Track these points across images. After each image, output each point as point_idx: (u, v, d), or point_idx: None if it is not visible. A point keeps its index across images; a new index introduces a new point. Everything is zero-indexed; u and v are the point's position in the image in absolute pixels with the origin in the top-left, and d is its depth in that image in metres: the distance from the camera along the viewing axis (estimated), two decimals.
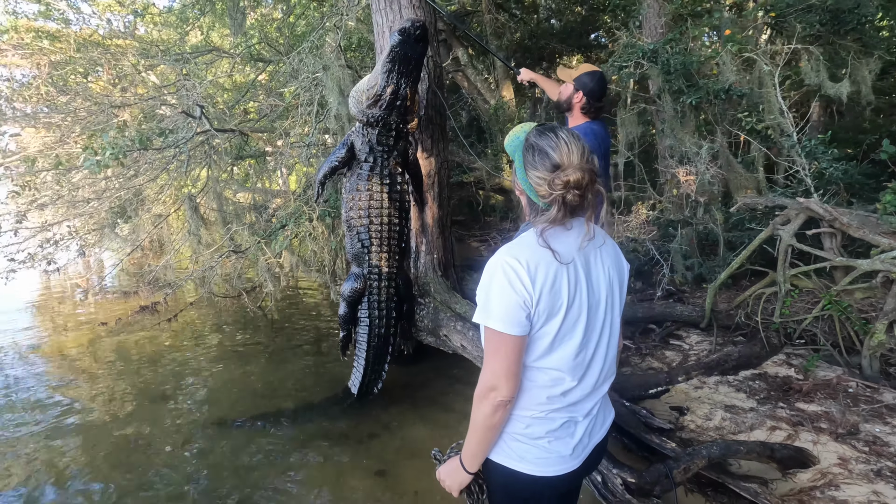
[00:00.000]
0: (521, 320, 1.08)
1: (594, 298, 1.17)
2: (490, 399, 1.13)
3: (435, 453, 1.35)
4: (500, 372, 1.11)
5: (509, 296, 1.08)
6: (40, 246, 5.50)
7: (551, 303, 1.10)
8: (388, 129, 3.04)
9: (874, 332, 2.78)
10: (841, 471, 2.17)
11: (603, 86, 2.57)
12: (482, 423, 1.15)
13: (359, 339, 3.29)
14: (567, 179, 1.07)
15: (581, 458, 1.22)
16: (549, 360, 1.15)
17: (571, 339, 1.15)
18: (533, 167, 1.12)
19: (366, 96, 2.94)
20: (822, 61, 4.37)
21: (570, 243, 1.12)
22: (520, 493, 1.21)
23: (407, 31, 2.72)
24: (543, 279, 1.08)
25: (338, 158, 3.16)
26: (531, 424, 1.17)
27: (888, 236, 2.62)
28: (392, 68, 2.82)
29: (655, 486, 2.06)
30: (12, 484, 2.62)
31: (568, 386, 1.17)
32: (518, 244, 1.13)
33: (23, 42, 6.66)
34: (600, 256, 1.20)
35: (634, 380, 3.30)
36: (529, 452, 1.18)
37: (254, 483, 2.56)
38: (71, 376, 4.06)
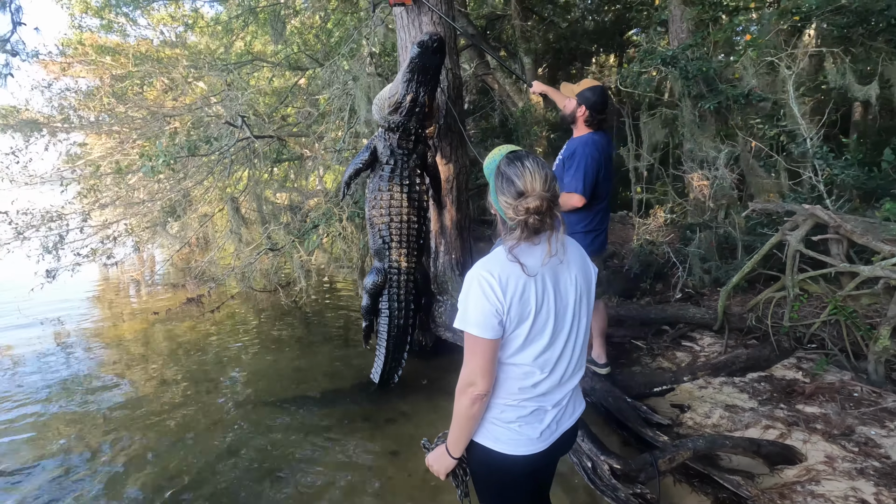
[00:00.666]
0: (494, 326, 1.24)
1: (562, 304, 1.33)
2: (468, 393, 1.29)
3: (424, 443, 1.52)
4: (477, 370, 1.27)
5: (484, 305, 1.24)
6: (101, 242, 6.06)
7: (521, 310, 1.26)
8: (407, 134, 3.29)
9: (878, 338, 2.82)
10: (825, 468, 2.27)
11: (604, 99, 2.74)
12: (463, 414, 1.32)
13: (380, 329, 3.56)
14: (527, 206, 1.22)
15: (548, 442, 1.38)
16: (521, 357, 1.31)
17: (540, 340, 1.30)
18: (501, 192, 1.28)
19: (387, 104, 3.20)
20: (849, 64, 4.32)
21: (536, 258, 1.27)
22: (496, 469, 1.39)
23: (425, 44, 2.96)
24: (513, 290, 1.24)
25: (362, 161, 3.43)
26: (505, 410, 1.34)
27: (890, 243, 2.65)
28: (411, 78, 3.07)
29: (640, 473, 2.22)
30: (79, 449, 3.05)
31: (538, 379, 1.33)
32: (491, 259, 1.30)
33: (88, 56, 7.31)
34: (568, 266, 1.35)
35: (640, 378, 3.44)
36: (503, 434, 1.35)
37: (283, 453, 2.88)
38: (126, 360, 4.53)
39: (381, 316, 3.51)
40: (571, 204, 2.82)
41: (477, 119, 10.19)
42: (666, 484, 2.39)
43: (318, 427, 3.19)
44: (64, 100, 6.77)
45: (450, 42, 3.72)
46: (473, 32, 8.54)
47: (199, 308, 5.22)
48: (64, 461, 2.93)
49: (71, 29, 9.67)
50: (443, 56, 3.13)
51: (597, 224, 2.93)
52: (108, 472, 2.79)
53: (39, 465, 2.89)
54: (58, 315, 5.96)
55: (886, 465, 2.24)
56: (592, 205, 2.85)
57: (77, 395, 3.86)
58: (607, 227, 3.06)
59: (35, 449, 3.07)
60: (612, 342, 4.22)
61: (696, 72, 4.18)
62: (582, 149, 2.78)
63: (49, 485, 2.70)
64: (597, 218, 2.91)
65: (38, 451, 3.04)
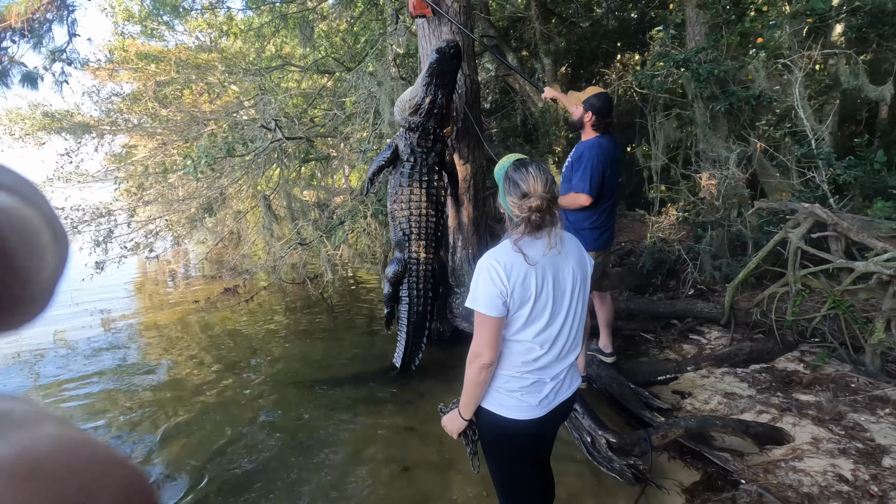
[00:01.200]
0: (498, 306, 1.44)
1: (559, 290, 1.52)
2: (476, 363, 1.49)
3: (441, 407, 1.75)
4: (483, 343, 1.47)
5: (490, 288, 1.44)
6: (145, 236, 6.52)
7: (522, 293, 1.46)
8: (426, 133, 3.54)
9: (874, 331, 2.95)
10: (810, 448, 2.44)
11: (609, 104, 2.94)
12: (472, 381, 1.52)
13: (400, 315, 3.83)
14: (530, 205, 1.43)
15: (546, 409, 1.56)
16: (523, 334, 1.51)
17: (540, 320, 1.50)
18: (508, 194, 1.49)
19: (408, 105, 3.47)
20: (862, 64, 4.39)
21: (537, 250, 1.48)
22: (500, 430, 1.58)
23: (443, 50, 3.22)
24: (516, 276, 1.44)
25: (384, 158, 3.71)
26: (509, 381, 1.54)
27: (882, 240, 2.78)
28: (430, 81, 3.32)
29: (635, 447, 2.44)
30: (121, 423, 3.43)
31: (537, 354, 1.52)
32: (499, 249, 1.51)
33: (132, 62, 7.82)
34: (566, 258, 1.55)
35: (645, 367, 3.63)
36: (507, 401, 1.55)
37: (311, 427, 3.19)
38: (166, 345, 4.94)
39: (402, 303, 3.77)
40: (579, 203, 3.04)
41: (499, 118, 10.40)
42: (661, 459, 2.60)
43: (343, 406, 3.49)
44: (111, 104, 7.28)
45: (467, 49, 3.96)
46: (495, 35, 8.74)
47: (236, 297, 5.60)
48: (114, 432, 3.30)
49: (114, 36, 10.30)
50: (459, 61, 3.38)
51: (603, 221, 3.14)
52: (152, 440, 3.15)
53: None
54: (104, 304, 6.47)
55: (869, 447, 2.40)
56: (598, 203, 3.06)
57: (123, 375, 4.25)
58: (614, 224, 3.26)
59: (84, 422, 3.47)
60: (622, 335, 4.42)
61: (707, 74, 4.31)
62: (588, 152, 3.00)
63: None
64: (603, 215, 3.11)
65: (87, 424, 3.43)
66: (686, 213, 5.00)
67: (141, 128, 6.90)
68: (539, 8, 8.57)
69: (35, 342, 5.12)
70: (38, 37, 5.33)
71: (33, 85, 5.76)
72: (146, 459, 2.94)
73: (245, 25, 9.49)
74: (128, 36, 10.48)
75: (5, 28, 4.83)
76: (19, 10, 4.74)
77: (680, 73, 4.65)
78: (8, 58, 5.35)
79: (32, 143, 7.30)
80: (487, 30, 8.78)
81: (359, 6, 8.66)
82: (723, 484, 2.34)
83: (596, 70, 10.84)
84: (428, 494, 2.50)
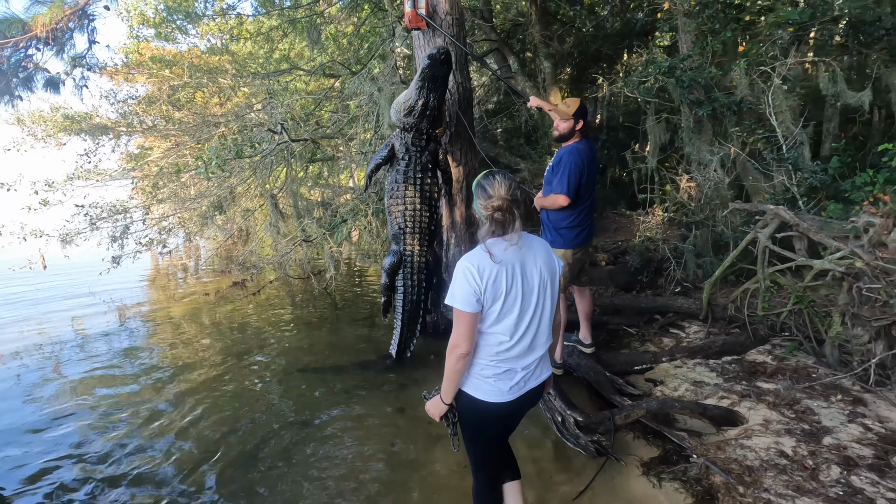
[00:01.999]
0: (472, 303, 1.64)
1: (528, 287, 1.72)
2: (455, 353, 1.69)
3: (424, 394, 1.93)
4: (460, 336, 1.67)
5: (465, 287, 1.64)
6: (159, 233, 6.86)
7: (494, 291, 1.65)
8: (420, 133, 3.80)
9: (832, 324, 3.17)
10: (760, 428, 2.67)
11: (584, 111, 3.20)
12: (451, 369, 1.72)
13: (396, 304, 4.08)
14: (493, 204, 1.67)
15: (516, 395, 1.77)
16: (496, 328, 1.70)
17: (511, 315, 1.69)
18: (478, 197, 1.74)
19: (403, 107, 3.73)
20: (840, 72, 4.57)
21: (502, 248, 1.68)
22: (476, 411, 1.79)
23: (434, 56, 3.47)
24: (488, 276, 1.64)
25: (381, 157, 3.97)
26: (484, 368, 1.74)
27: (838, 240, 2.99)
28: (423, 85, 3.58)
29: (600, 425, 2.69)
30: (139, 405, 3.74)
31: (509, 345, 1.71)
32: (473, 253, 1.70)
33: (147, 66, 8.17)
34: (534, 258, 1.75)
35: (623, 358, 3.87)
36: (482, 386, 1.75)
37: (314, 408, 3.49)
38: (178, 335, 5.25)
39: (398, 293, 4.03)
40: (559, 203, 3.29)
41: (501, 119, 10.64)
42: (627, 438, 2.86)
43: (343, 389, 3.78)
44: (127, 106, 7.64)
45: (459, 59, 4.22)
46: (496, 39, 8.97)
47: (244, 290, 5.92)
48: (133, 413, 3.62)
49: (129, 39, 10.67)
50: (449, 67, 3.63)
51: (581, 220, 3.38)
52: (169, 418, 3.45)
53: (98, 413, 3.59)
54: (119, 295, 6.83)
55: (814, 428, 2.63)
56: (577, 203, 3.31)
57: (137, 361, 4.57)
58: (592, 223, 3.50)
59: (109, 407, 3.79)
60: (606, 329, 4.66)
61: (689, 81, 4.53)
62: (567, 157, 3.25)
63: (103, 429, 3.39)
64: (581, 215, 3.36)
65: (106, 404, 3.75)
66: (672, 213, 5.22)
67: (155, 129, 7.24)
68: (539, 13, 8.79)
69: (56, 331, 5.48)
70: (60, 44, 5.66)
71: (55, 89, 6.10)
72: (160, 432, 3.25)
73: (254, 30, 9.83)
74: (142, 39, 10.87)
75: (31, 37, 5.16)
76: (44, 20, 5.06)
77: (666, 79, 4.86)
78: (32, 64, 5.69)
79: (53, 143, 7.68)
80: (489, 34, 9.02)
81: (365, 9, 8.94)
82: (677, 459, 2.59)
83: (600, 72, 11.00)
84: (415, 463, 2.78)
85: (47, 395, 3.91)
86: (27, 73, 5.66)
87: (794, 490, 2.17)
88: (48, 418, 3.51)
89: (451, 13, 4.07)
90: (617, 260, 6.41)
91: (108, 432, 3.31)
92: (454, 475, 2.65)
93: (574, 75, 11.25)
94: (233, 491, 2.62)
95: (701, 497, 2.27)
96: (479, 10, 8.62)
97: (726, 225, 4.86)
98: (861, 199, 2.93)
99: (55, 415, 3.56)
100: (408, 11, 3.88)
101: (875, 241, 2.78)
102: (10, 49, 5.15)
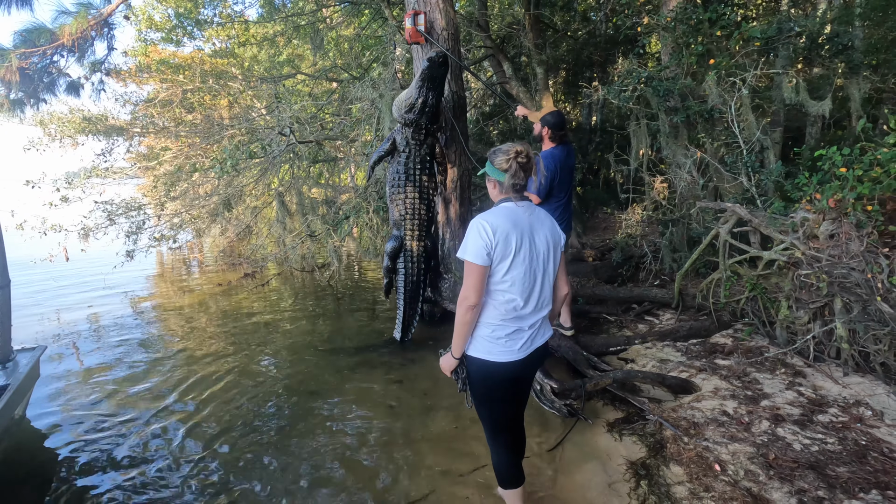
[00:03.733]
0: (483, 256, 1.75)
1: (535, 251, 1.84)
2: (464, 305, 1.78)
3: (440, 351, 2.04)
4: (471, 287, 1.77)
5: (478, 241, 1.75)
6: (171, 229, 7.25)
7: (504, 248, 1.76)
8: (419, 128, 4.21)
9: (780, 308, 3.61)
10: (710, 395, 3.10)
11: (560, 119, 3.62)
12: (460, 321, 1.82)
13: (398, 285, 4.48)
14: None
15: (526, 353, 1.88)
16: (503, 285, 1.80)
17: (516, 272, 1.80)
18: (496, 157, 1.86)
19: (404, 105, 4.15)
20: (803, 83, 5.02)
21: (516, 212, 1.83)
22: (487, 374, 1.88)
23: (433, 59, 3.90)
24: (500, 233, 1.75)
25: (384, 150, 4.40)
26: (495, 329, 1.84)
27: (782, 233, 3.42)
28: (422, 85, 4.01)
29: (572, 392, 3.12)
30: (159, 385, 4.15)
31: (517, 304, 1.82)
32: (488, 212, 1.85)
33: (157, 70, 8.58)
34: (541, 225, 1.90)
35: (600, 340, 4.29)
36: (494, 348, 1.85)
37: (319, 382, 3.90)
38: (188, 326, 5.63)
39: (399, 274, 4.43)
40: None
41: (497, 122, 11.07)
42: (597, 405, 3.28)
43: (346, 368, 4.19)
44: (144, 111, 8.04)
45: (454, 69, 4.65)
46: (491, 46, 9.39)
47: (251, 282, 6.32)
48: (146, 393, 4.02)
49: (138, 42, 11.07)
50: (447, 68, 4.05)
51: (558, 216, 3.81)
52: (187, 395, 3.86)
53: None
54: (131, 287, 7.22)
55: (756, 394, 3.06)
56: (550, 202, 3.74)
57: (150, 346, 4.94)
58: (569, 218, 3.93)
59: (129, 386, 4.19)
60: (588, 316, 5.09)
61: (664, 91, 4.97)
62: (542, 161, 3.67)
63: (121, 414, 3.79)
64: (557, 211, 3.79)
65: (123, 387, 4.15)
66: (651, 212, 5.65)
67: (167, 131, 7.65)
68: (532, 20, 9.22)
69: (73, 320, 5.87)
70: (82, 51, 6.06)
71: (76, 93, 6.50)
72: (180, 402, 3.65)
73: (259, 36, 10.23)
74: (150, 42, 11.27)
75: (58, 45, 5.57)
76: (70, 29, 5.47)
77: (642, 89, 5.29)
78: (56, 69, 6.09)
79: (69, 144, 8.06)
80: (485, 41, 9.43)
81: (365, 14, 9.36)
82: (637, 419, 3.01)
83: (594, 76, 11.42)
84: (410, 426, 3.19)
85: (65, 377, 4.27)
86: (51, 77, 6.06)
87: (729, 439, 2.60)
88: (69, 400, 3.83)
89: (447, 28, 4.50)
90: (604, 256, 6.84)
91: (129, 410, 3.72)
92: (447, 430, 3.07)
93: (568, 80, 11.70)
94: (252, 452, 3.03)
95: (653, 446, 2.70)
96: (475, 19, 9.03)
97: (698, 222, 5.29)
98: (800, 198, 3.36)
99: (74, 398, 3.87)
100: (408, 28, 4.30)
101: (809, 234, 3.21)
102: (38, 56, 5.54)
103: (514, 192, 1.86)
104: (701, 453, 2.53)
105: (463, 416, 3.24)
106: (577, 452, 2.81)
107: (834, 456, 2.39)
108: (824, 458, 2.38)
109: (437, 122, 4.30)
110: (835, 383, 3.11)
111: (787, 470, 2.31)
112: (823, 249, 3.07)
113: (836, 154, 3.10)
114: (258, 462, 2.88)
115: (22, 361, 3.42)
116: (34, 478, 2.85)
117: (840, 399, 2.92)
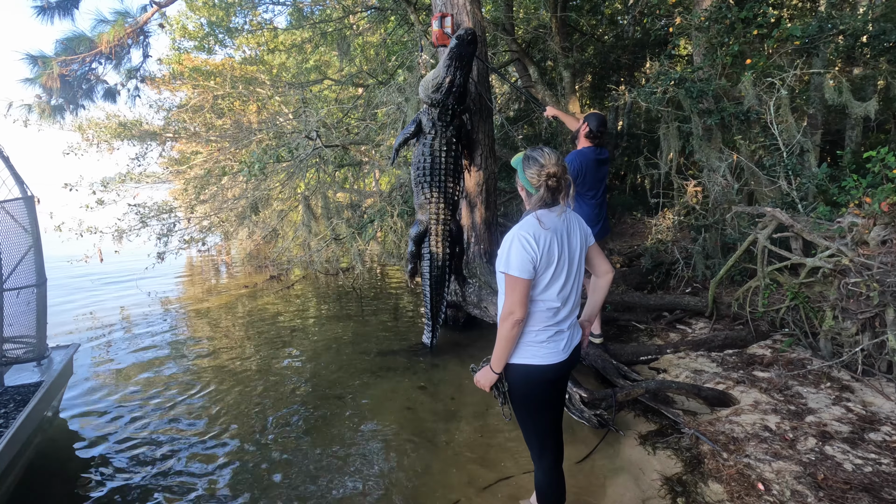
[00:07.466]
0: (529, 269, 1.69)
1: (572, 255, 1.81)
2: (509, 320, 1.72)
3: (472, 367, 1.97)
4: (516, 302, 1.71)
5: (523, 255, 1.69)
6: (200, 231, 7.40)
7: (548, 258, 1.73)
8: (446, 109, 4.10)
9: (825, 318, 3.42)
10: (749, 408, 2.94)
11: (600, 122, 3.53)
12: (504, 336, 1.75)
13: (423, 272, 4.36)
14: (548, 172, 1.72)
15: (567, 353, 1.85)
16: (546, 294, 1.77)
17: (559, 281, 1.78)
18: (528, 168, 1.77)
19: (431, 84, 4.06)
20: (846, 83, 4.79)
21: (553, 219, 1.76)
22: (531, 380, 1.82)
23: (461, 37, 3.80)
24: (543, 244, 1.71)
25: (409, 132, 4.32)
26: (539, 335, 1.80)
27: (827, 239, 3.24)
28: (450, 64, 3.90)
29: (602, 402, 3.00)
30: (188, 383, 4.18)
31: (558, 308, 1.79)
32: (526, 224, 1.76)
33: (190, 77, 8.81)
34: (575, 229, 1.85)
35: (630, 349, 4.15)
36: (539, 351, 1.80)
37: (344, 385, 3.87)
38: (215, 327, 5.71)
39: (423, 260, 4.34)
40: None
41: (521, 126, 10.98)
42: (629, 417, 3.16)
43: (369, 371, 4.16)
44: (177, 117, 8.26)
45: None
46: (517, 50, 9.33)
47: (276, 284, 6.38)
48: (175, 391, 4.06)
49: (171, 50, 11.41)
50: (475, 47, 3.91)
51: (595, 215, 3.71)
52: (218, 394, 3.88)
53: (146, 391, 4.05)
54: (161, 288, 7.38)
55: (799, 408, 2.89)
56: (585, 199, 3.65)
57: (180, 344, 5.03)
58: (605, 217, 3.82)
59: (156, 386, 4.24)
60: (617, 324, 4.95)
61: (697, 92, 4.81)
62: (570, 158, 3.60)
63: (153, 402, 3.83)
64: (593, 210, 3.70)
65: (148, 379, 4.21)
66: (683, 217, 5.47)
67: (198, 136, 7.83)
68: (559, 24, 9.12)
69: (106, 318, 6.02)
70: (119, 58, 6.26)
71: (112, 99, 6.70)
72: (208, 402, 3.67)
73: (288, 42, 10.41)
74: (183, 50, 11.60)
75: (96, 53, 5.75)
76: (108, 38, 5.65)
77: (676, 90, 5.14)
78: (94, 76, 6.30)
79: (106, 148, 8.34)
80: (510, 45, 9.38)
81: (391, 21, 9.43)
82: (671, 432, 2.88)
83: (621, 80, 11.23)
84: (434, 432, 3.13)
85: (97, 374, 4.38)
86: (89, 84, 6.27)
87: (772, 456, 2.45)
88: (101, 397, 3.96)
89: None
90: (632, 263, 6.67)
91: (157, 408, 3.77)
92: (472, 438, 3.00)
93: (594, 84, 11.53)
94: (278, 452, 3.02)
95: (689, 462, 2.57)
96: (500, 23, 8.99)
97: (733, 228, 5.10)
98: (847, 202, 3.18)
99: (105, 395, 3.98)
100: (435, 30, 4.27)
101: (858, 239, 3.03)
102: (78, 64, 5.74)
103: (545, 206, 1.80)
104: (742, 471, 2.39)
105: (488, 424, 3.16)
106: (608, 465, 2.69)
107: (890, 478, 2.22)
108: (879, 479, 2.22)
109: (464, 103, 4.18)
110: (886, 399, 2.91)
111: (838, 492, 2.15)
112: (874, 256, 2.89)
113: (888, 155, 2.92)
114: (281, 463, 2.86)
115: (56, 359, 3.49)
116: (66, 471, 2.90)
117: (893, 416, 2.73)
